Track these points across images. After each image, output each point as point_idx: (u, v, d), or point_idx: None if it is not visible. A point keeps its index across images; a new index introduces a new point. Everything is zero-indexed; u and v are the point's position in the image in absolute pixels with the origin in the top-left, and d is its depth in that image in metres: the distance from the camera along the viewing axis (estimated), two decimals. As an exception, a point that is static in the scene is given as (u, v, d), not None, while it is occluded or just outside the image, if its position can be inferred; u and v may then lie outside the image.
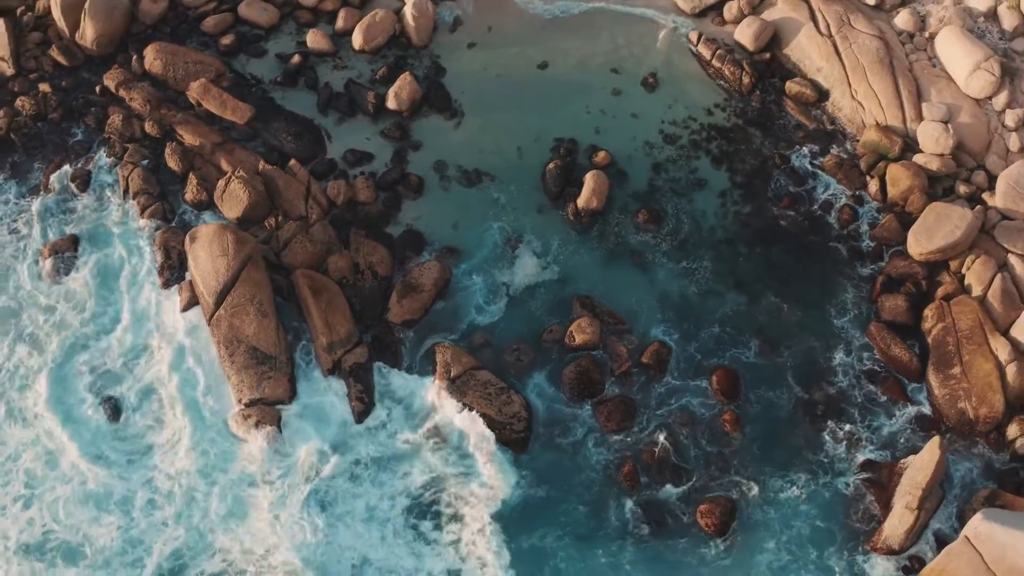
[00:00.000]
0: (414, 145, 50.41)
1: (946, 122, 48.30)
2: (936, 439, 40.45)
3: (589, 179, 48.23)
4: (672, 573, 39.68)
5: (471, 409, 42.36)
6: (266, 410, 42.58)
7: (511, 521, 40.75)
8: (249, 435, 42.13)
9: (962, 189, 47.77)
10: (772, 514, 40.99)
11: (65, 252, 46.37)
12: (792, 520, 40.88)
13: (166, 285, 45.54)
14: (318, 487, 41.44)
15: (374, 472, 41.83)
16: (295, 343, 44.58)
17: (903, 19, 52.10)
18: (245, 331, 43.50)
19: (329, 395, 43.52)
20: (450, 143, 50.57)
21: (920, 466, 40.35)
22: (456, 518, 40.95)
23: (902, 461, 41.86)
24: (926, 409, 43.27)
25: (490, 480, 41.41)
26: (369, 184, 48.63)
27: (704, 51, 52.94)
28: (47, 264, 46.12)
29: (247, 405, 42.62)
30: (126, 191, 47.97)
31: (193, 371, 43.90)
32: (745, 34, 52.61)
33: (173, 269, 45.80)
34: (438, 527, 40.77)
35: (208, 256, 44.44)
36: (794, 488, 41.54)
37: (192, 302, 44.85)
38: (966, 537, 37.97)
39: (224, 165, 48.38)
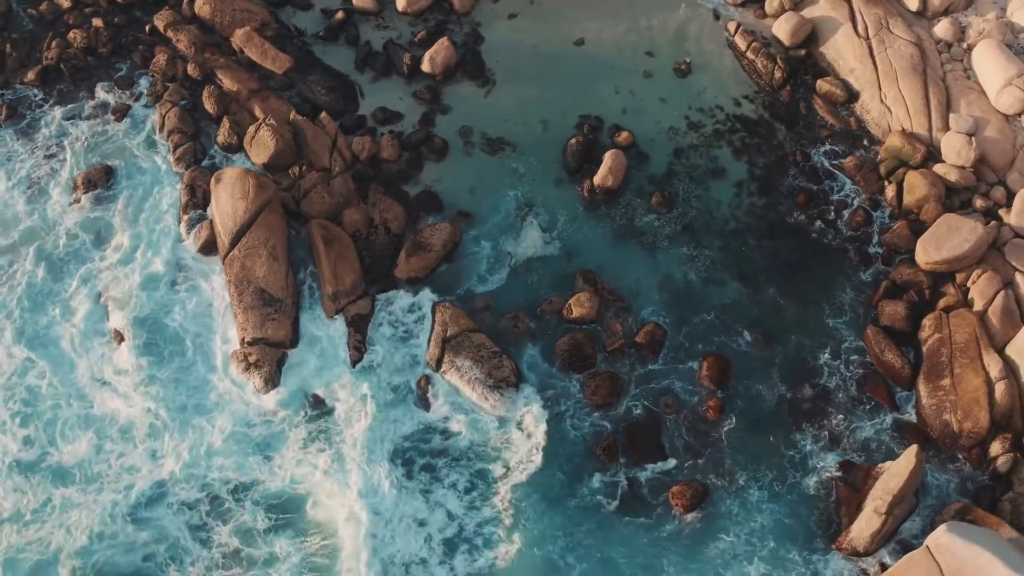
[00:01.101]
0: (443, 109, 50.71)
1: (971, 135, 47.18)
2: (914, 447, 39.97)
3: (608, 158, 48.11)
4: (623, 545, 39.97)
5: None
6: (267, 350, 43.46)
7: (486, 478, 41.43)
8: (248, 373, 43.13)
9: (979, 203, 46.65)
10: (741, 503, 40.98)
11: (97, 181, 47.61)
12: (759, 511, 40.83)
13: (188, 222, 46.60)
14: (310, 427, 42.45)
15: (363, 417, 42.44)
16: (303, 287, 45.48)
17: (942, 28, 50.84)
18: (256, 273, 44.37)
19: (329, 341, 44.26)
20: (478, 110, 50.74)
21: (895, 472, 39.92)
22: (430, 467, 41.66)
23: (879, 466, 41.41)
24: (911, 417, 42.70)
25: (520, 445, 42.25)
26: (394, 143, 49.05)
27: (740, 42, 52.27)
28: (79, 191, 47.44)
29: (249, 344, 43.57)
30: (162, 129, 49.10)
31: (202, 307, 45.08)
32: (783, 29, 51.78)
33: (196, 207, 46.82)
34: (415, 474, 41.44)
35: (229, 198, 45.32)
36: (768, 480, 41.40)
37: (210, 240, 45.88)
38: (927, 547, 37.54)
39: (257, 112, 49.21)
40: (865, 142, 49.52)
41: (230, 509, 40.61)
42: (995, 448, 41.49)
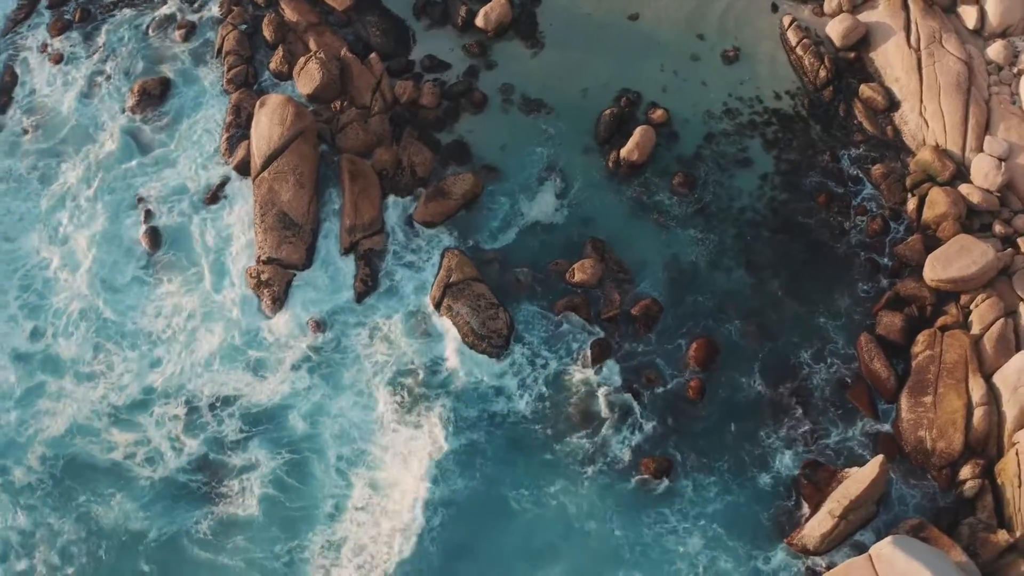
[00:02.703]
0: (489, 64, 50.63)
1: (1003, 160, 45.38)
2: (880, 457, 39.40)
3: (637, 132, 47.60)
4: (578, 497, 40.44)
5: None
6: (279, 270, 44.52)
7: (461, 417, 42.10)
8: (258, 290, 44.24)
9: (998, 228, 44.95)
10: (700, 484, 40.72)
11: (152, 91, 49.03)
12: (717, 496, 40.61)
13: (228, 141, 47.70)
14: (308, 350, 43.42)
15: (360, 346, 43.49)
16: (325, 217, 46.24)
17: (995, 50, 48.65)
18: (281, 196, 45.24)
19: (338, 271, 45.10)
20: (523, 70, 50.52)
21: (857, 478, 39.36)
22: (420, 399, 42.44)
23: (845, 470, 40.75)
24: (887, 429, 41.77)
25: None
26: (435, 91, 49.27)
27: (792, 36, 50.70)
28: (133, 97, 48.89)
29: (264, 262, 44.62)
30: (220, 48, 50.12)
31: (228, 222, 46.29)
32: (836, 29, 50.16)
33: (239, 127, 47.90)
34: (399, 403, 42.31)
35: (268, 122, 46.21)
36: (732, 467, 41.11)
37: (245, 160, 46.94)
38: (870, 555, 37.03)
39: (311, 44, 49.91)
40: (897, 152, 47.93)
41: (214, 418, 42.04)
42: (965, 472, 40.34)
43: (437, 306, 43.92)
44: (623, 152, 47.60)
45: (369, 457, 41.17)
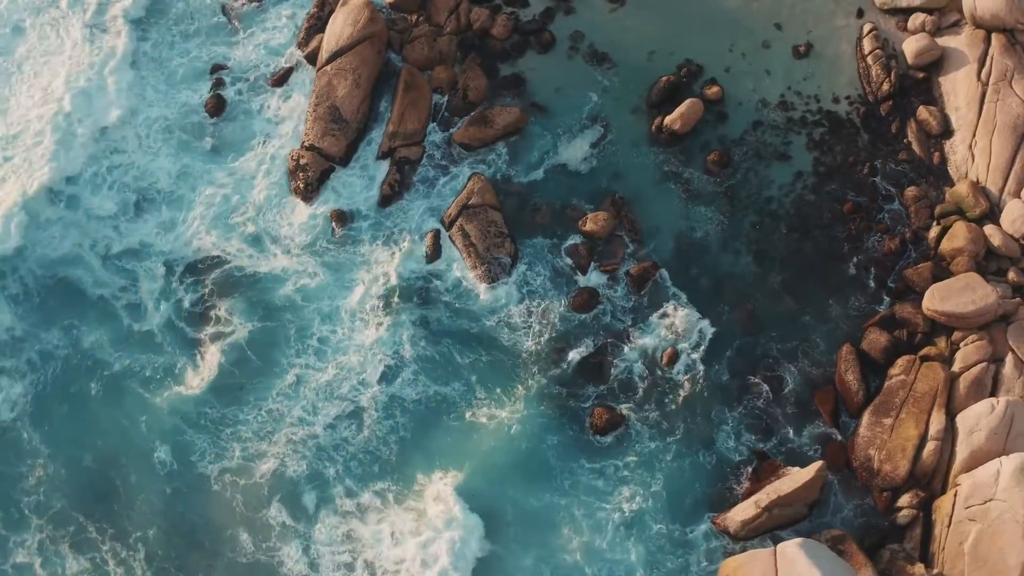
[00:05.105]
0: (568, 9, 49.93)
1: (1037, 209, 43.03)
2: (820, 463, 38.77)
3: (685, 103, 46.54)
4: (520, 420, 41.02)
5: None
6: (317, 159, 45.63)
7: (443, 330, 42.94)
8: (293, 175, 45.48)
9: (1012, 276, 42.71)
10: (647, 446, 40.68)
11: (248, -21, 50.65)
12: (660, 460, 40.52)
13: (307, 31, 48.72)
14: (320, 240, 44.57)
15: (371, 248, 44.38)
16: (374, 125, 46.99)
17: (1065, 99, 45.70)
18: (337, 92, 46.14)
19: (371, 174, 45.91)
20: (598, 21, 49.64)
21: (793, 478, 38.81)
22: (409, 304, 43.33)
23: (787, 467, 40.11)
24: (841, 439, 40.74)
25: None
26: (508, 24, 49.00)
27: (867, 44, 48.33)
28: (229, -16, 50.90)
29: (307, 148, 45.76)
30: (321, -52, 51.13)
31: (286, 106, 47.49)
32: (911, 47, 47.65)
33: (320, 20, 48.79)
34: (393, 306, 43.24)
35: (343, 21, 47.07)
36: (684, 438, 40.90)
37: (315, 52, 47.92)
38: (775, 550, 36.60)
39: (405, -44, 50.20)
40: (937, 179, 45.73)
41: (205, 281, 43.75)
42: (904, 500, 39.21)
43: (450, 224, 44.45)
44: (667, 119, 46.64)
45: (348, 344, 42.35)
